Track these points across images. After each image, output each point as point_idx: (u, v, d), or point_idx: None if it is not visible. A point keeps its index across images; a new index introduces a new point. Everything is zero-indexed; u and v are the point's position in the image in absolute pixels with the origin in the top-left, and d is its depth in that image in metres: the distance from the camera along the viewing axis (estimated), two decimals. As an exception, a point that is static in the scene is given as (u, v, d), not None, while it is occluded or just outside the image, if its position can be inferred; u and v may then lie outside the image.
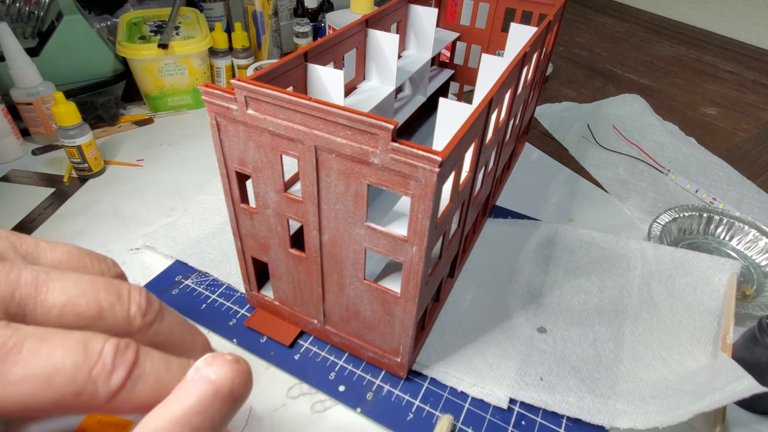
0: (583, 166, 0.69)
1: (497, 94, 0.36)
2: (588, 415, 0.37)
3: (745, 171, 0.71)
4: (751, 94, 0.96)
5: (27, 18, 0.68)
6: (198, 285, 0.46)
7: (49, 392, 0.17)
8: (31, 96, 0.60)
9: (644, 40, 1.20)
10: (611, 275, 0.49)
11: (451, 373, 0.40)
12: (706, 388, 0.36)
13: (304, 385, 0.39)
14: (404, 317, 0.34)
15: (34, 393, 0.17)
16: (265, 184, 0.33)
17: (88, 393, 0.17)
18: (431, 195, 0.27)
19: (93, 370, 0.18)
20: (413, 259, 0.31)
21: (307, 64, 0.38)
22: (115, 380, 0.18)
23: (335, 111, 0.27)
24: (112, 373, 0.18)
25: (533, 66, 0.50)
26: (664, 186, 0.66)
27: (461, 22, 0.64)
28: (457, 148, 0.28)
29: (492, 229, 0.55)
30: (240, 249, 0.40)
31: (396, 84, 0.49)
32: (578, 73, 0.99)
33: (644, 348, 0.43)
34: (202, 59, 0.72)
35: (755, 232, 0.55)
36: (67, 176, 0.59)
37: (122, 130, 0.68)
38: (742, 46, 1.20)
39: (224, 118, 0.31)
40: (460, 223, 0.41)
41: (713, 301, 0.46)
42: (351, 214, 0.31)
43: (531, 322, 0.45)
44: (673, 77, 1.01)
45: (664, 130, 0.78)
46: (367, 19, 0.46)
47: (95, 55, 0.68)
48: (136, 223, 0.53)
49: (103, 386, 0.18)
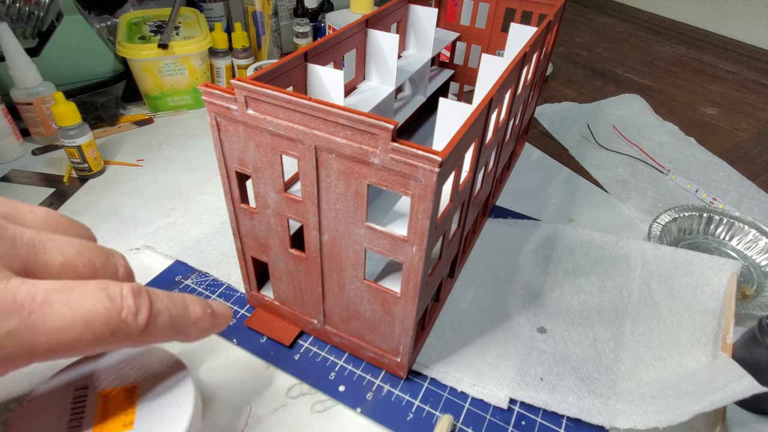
0: (583, 166, 0.69)
1: (497, 95, 0.36)
2: (588, 415, 0.37)
3: (745, 171, 0.71)
4: (751, 94, 0.96)
5: (27, 18, 0.68)
6: (198, 285, 0.46)
7: (90, 334, 0.20)
8: (31, 96, 0.60)
9: (644, 40, 1.20)
10: (611, 275, 0.49)
11: (451, 373, 0.40)
12: (706, 388, 0.36)
13: (304, 385, 0.39)
14: (404, 317, 0.34)
15: (77, 336, 0.20)
16: (265, 184, 0.33)
17: (122, 331, 0.21)
18: (431, 195, 0.27)
19: (122, 312, 0.21)
20: (413, 259, 0.31)
21: (307, 64, 0.38)
22: (141, 318, 0.22)
23: (335, 111, 0.27)
24: (138, 313, 0.21)
25: (533, 66, 0.50)
26: (664, 186, 0.66)
27: (461, 22, 0.64)
28: (457, 148, 0.28)
29: (492, 229, 0.55)
30: (240, 249, 0.40)
31: (396, 84, 0.49)
32: (578, 73, 0.99)
33: (644, 348, 0.43)
34: (202, 59, 0.72)
35: (755, 232, 0.55)
36: (67, 176, 0.59)
37: (122, 130, 0.68)
38: (742, 46, 1.20)
39: (224, 118, 0.31)
40: (460, 223, 0.41)
41: (713, 301, 0.46)
42: (351, 214, 0.31)
43: (531, 322, 0.45)
44: (673, 77, 1.01)
45: (664, 130, 0.78)
46: (367, 19, 0.46)
47: (95, 55, 0.68)
48: (136, 223, 0.53)
49: (134, 324, 0.21)
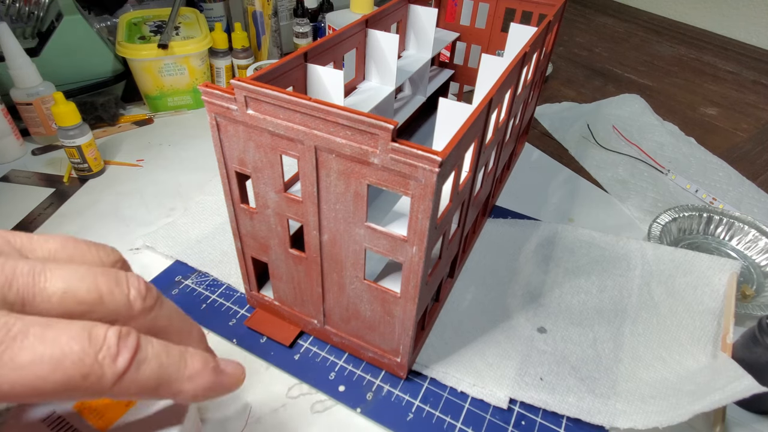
0: (583, 166, 0.69)
1: (497, 95, 0.36)
2: (588, 415, 0.37)
3: (745, 171, 0.71)
4: (751, 94, 0.96)
5: (27, 18, 0.68)
6: (198, 285, 0.46)
7: (58, 375, 0.18)
8: (31, 96, 0.60)
9: (644, 40, 1.20)
10: (611, 275, 0.49)
11: (451, 373, 0.40)
12: (706, 388, 0.36)
13: (304, 385, 0.39)
14: (404, 317, 0.34)
15: (44, 376, 0.18)
16: (265, 184, 0.33)
17: (96, 375, 0.18)
18: (431, 195, 0.27)
19: (99, 353, 0.19)
20: (413, 259, 0.31)
21: (307, 65, 0.38)
22: (120, 362, 0.19)
23: (335, 111, 0.27)
24: (117, 357, 0.19)
25: (533, 66, 0.50)
26: (664, 186, 0.66)
27: (461, 22, 0.64)
28: (457, 148, 0.28)
29: (492, 229, 0.55)
30: (240, 249, 0.40)
31: (396, 84, 0.49)
32: (578, 73, 0.99)
33: (644, 348, 0.43)
34: (202, 59, 0.72)
35: (755, 232, 0.55)
36: (67, 176, 0.59)
37: (122, 130, 0.68)
38: (742, 46, 1.20)
39: (224, 118, 0.31)
40: (460, 223, 0.41)
41: (713, 301, 0.46)
42: (351, 214, 0.31)
43: (531, 322, 0.45)
44: (673, 77, 1.01)
45: (664, 130, 0.78)
46: (367, 19, 0.46)
47: (95, 55, 0.68)
48: (136, 223, 0.53)
49: (110, 368, 0.19)
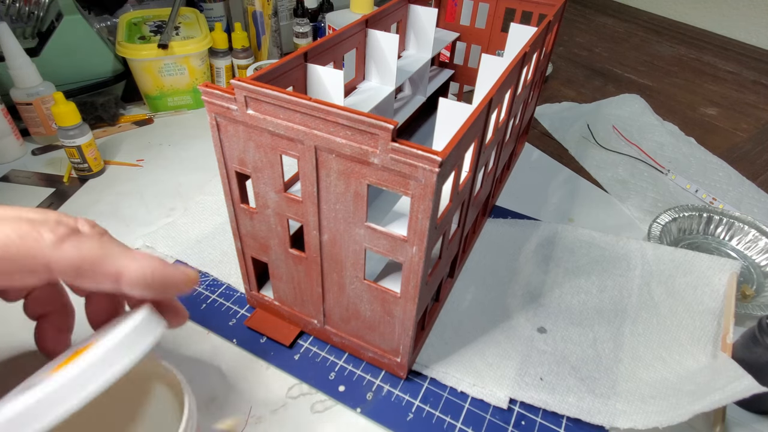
0: (583, 166, 0.69)
1: (497, 95, 0.36)
2: (588, 415, 0.37)
3: (744, 171, 0.71)
4: (751, 94, 0.96)
5: (27, 18, 0.68)
6: (198, 285, 0.46)
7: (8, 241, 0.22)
8: (31, 96, 0.60)
9: (644, 40, 1.20)
10: (611, 275, 0.49)
11: (451, 373, 0.40)
12: (706, 388, 0.36)
13: (304, 385, 0.39)
14: (404, 317, 0.34)
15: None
16: (265, 184, 0.33)
17: (37, 244, 0.22)
18: (431, 195, 0.27)
19: (42, 228, 0.23)
20: (413, 259, 0.31)
21: (307, 64, 0.38)
22: (59, 230, 0.23)
23: (335, 111, 0.27)
24: (55, 228, 0.23)
25: (533, 66, 0.50)
26: (664, 186, 0.66)
27: (461, 22, 0.64)
28: (457, 148, 0.28)
29: (492, 229, 0.55)
30: (240, 249, 0.40)
31: (396, 84, 0.49)
32: (578, 73, 0.99)
33: (644, 348, 0.43)
34: (202, 59, 0.72)
35: (755, 232, 0.55)
36: (67, 176, 0.59)
37: (122, 130, 0.68)
38: (742, 46, 1.20)
39: (224, 118, 0.31)
40: (460, 223, 0.41)
41: (713, 301, 0.46)
42: (351, 214, 0.31)
43: (531, 322, 0.45)
44: (673, 77, 1.01)
45: (664, 130, 0.78)
46: (367, 19, 0.46)
47: (95, 55, 0.68)
48: (136, 223, 0.53)
49: (48, 236, 0.22)
